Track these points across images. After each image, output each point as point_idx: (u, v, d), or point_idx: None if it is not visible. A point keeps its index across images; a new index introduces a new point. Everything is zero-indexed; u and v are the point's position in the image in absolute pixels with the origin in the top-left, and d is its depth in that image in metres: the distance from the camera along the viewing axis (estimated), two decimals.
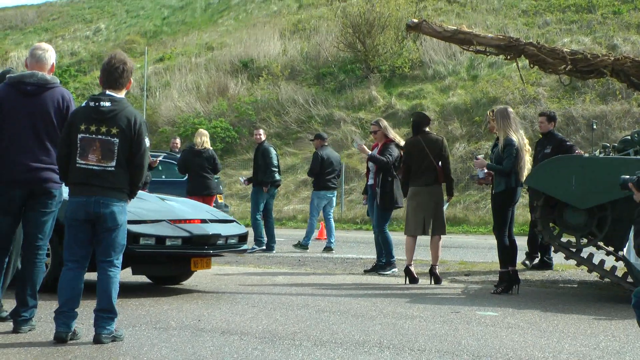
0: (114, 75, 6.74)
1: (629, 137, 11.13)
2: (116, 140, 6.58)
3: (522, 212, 19.44)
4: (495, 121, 10.68)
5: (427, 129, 11.89)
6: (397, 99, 30.50)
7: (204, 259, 9.81)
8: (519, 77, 17.70)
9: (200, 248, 9.53)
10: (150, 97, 34.64)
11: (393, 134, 12.78)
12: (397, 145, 12.40)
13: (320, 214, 16.40)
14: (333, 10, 36.65)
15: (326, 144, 16.66)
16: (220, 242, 9.72)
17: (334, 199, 16.34)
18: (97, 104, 6.64)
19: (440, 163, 11.65)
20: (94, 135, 6.58)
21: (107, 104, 6.63)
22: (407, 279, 11.38)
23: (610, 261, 11.36)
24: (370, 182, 12.59)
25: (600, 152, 11.43)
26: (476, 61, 30.95)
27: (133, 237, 8.79)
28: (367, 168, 12.81)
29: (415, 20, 12.24)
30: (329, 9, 37.98)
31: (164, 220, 9.45)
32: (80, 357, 6.12)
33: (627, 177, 5.59)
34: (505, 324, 8.11)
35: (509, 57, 11.89)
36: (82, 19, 51.59)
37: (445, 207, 11.70)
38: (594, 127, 15.12)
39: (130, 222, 8.32)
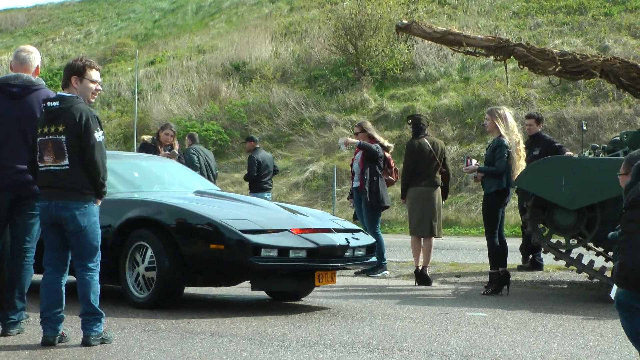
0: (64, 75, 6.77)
1: (618, 138, 11.15)
2: (63, 137, 6.50)
3: (513, 214, 19.48)
4: (488, 120, 10.69)
5: (428, 132, 11.94)
6: (389, 102, 30.53)
7: (329, 273, 8.83)
8: (506, 79, 17.71)
9: (326, 261, 8.60)
10: (142, 100, 34.62)
11: (377, 135, 12.78)
12: (382, 146, 12.40)
13: None
14: (324, 13, 36.70)
15: (258, 146, 16.88)
16: (347, 254, 8.82)
17: (270, 198, 16.43)
18: (46, 104, 6.62)
19: (441, 165, 11.73)
20: (46, 137, 6.55)
21: (55, 103, 6.57)
22: (417, 281, 11.38)
23: (599, 262, 11.39)
24: (356, 184, 12.50)
25: (589, 153, 11.45)
26: (468, 63, 31.00)
27: (253, 248, 8.19)
28: (352, 171, 12.73)
29: (405, 22, 12.24)
30: (321, 12, 38.04)
31: (286, 230, 8.59)
32: (69, 359, 6.11)
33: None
34: (494, 324, 8.12)
35: (498, 58, 11.91)
36: (72, 22, 51.55)
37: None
38: (584, 128, 15.13)
39: (250, 231, 8.25)
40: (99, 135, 6.56)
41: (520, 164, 10.55)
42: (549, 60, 11.40)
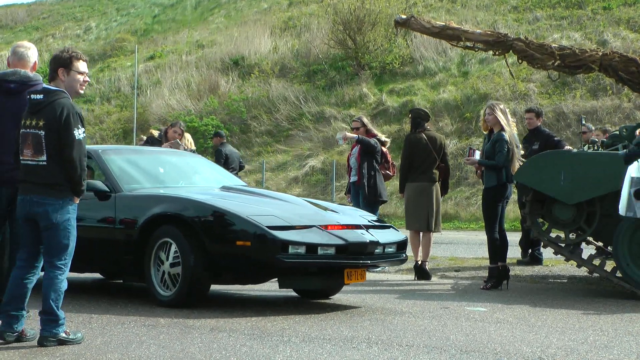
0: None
1: (617, 132, 11.15)
2: (42, 132, 6.37)
3: (512, 208, 19.48)
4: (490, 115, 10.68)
5: (428, 126, 11.94)
6: (388, 96, 30.52)
7: (359, 271, 8.60)
8: (509, 72, 17.73)
9: (356, 258, 8.35)
10: (141, 95, 34.60)
11: (375, 130, 12.77)
12: (379, 141, 12.40)
13: None
14: (323, 7, 36.65)
15: (224, 141, 17.03)
16: (377, 250, 8.54)
17: None
18: (30, 97, 6.50)
19: (441, 160, 11.74)
20: (28, 130, 6.44)
21: (39, 96, 6.45)
22: (416, 275, 11.40)
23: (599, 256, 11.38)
24: (354, 179, 12.47)
25: (589, 148, 11.45)
26: (467, 57, 30.98)
27: (281, 245, 7.97)
28: (349, 166, 12.71)
29: (404, 16, 12.24)
30: (320, 6, 37.99)
31: (315, 226, 8.34)
32: (69, 354, 6.12)
33: None
34: (494, 319, 8.13)
35: (497, 52, 11.92)
36: (72, 17, 51.51)
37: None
38: (583, 122, 15.14)
39: (277, 228, 8.07)
40: (78, 133, 6.41)
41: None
42: (548, 55, 11.41)
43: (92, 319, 7.63)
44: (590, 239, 11.29)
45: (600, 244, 11.54)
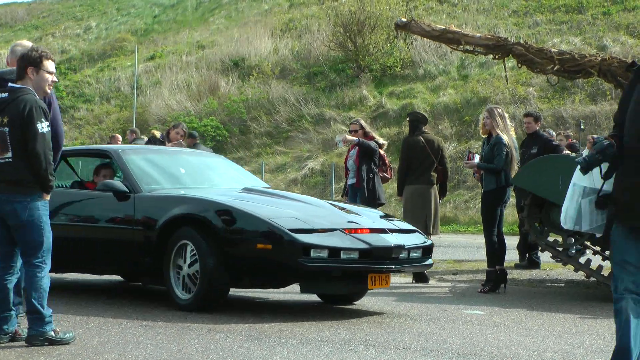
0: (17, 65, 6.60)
1: None
2: (6, 129, 6.33)
3: (510, 212, 19.49)
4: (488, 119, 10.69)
5: (426, 129, 11.96)
6: (388, 99, 30.54)
7: (383, 275, 8.33)
8: (505, 77, 17.75)
9: (380, 262, 8.05)
10: (141, 95, 34.62)
11: (373, 132, 12.78)
12: (377, 144, 12.40)
13: None
14: (324, 10, 36.70)
15: (198, 141, 16.98)
16: (402, 255, 8.26)
17: None
18: None
19: (438, 163, 11.76)
20: None
21: (4, 95, 6.42)
22: (415, 278, 11.42)
23: (596, 260, 11.40)
24: (352, 181, 12.40)
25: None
26: (467, 61, 31.00)
27: (302, 248, 7.72)
28: (346, 168, 12.67)
29: (404, 20, 12.27)
30: (320, 8, 38.03)
31: (338, 230, 8.06)
32: (65, 354, 6.12)
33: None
34: (491, 322, 8.14)
35: (497, 56, 11.94)
36: (72, 16, 51.53)
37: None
38: (582, 127, 15.17)
39: (299, 231, 7.82)
40: (42, 127, 6.34)
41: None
42: (547, 59, 11.43)
43: (89, 319, 7.63)
44: (588, 243, 11.29)
45: (597, 248, 11.55)
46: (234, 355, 6.19)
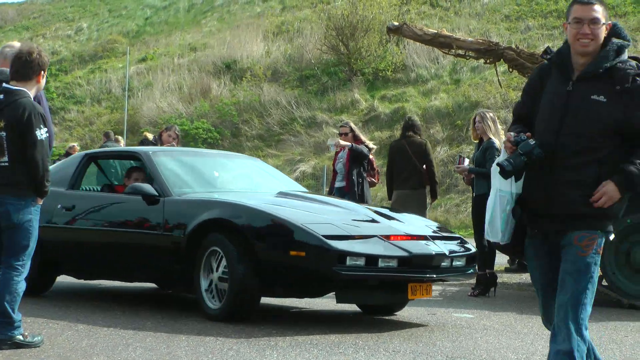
0: (14, 66, 6.49)
1: None
2: (3, 133, 6.31)
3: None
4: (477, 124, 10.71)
5: (411, 133, 11.98)
6: (380, 102, 30.55)
7: (424, 285, 7.85)
8: (497, 82, 17.81)
9: (420, 271, 7.61)
10: (132, 97, 34.56)
11: (362, 136, 12.78)
12: (367, 147, 12.40)
13: None
14: (317, 13, 36.70)
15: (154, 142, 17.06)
16: (444, 264, 7.79)
17: None
18: None
19: (424, 166, 11.78)
20: None
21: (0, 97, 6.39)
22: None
23: None
24: (341, 184, 12.25)
25: None
26: (459, 65, 31.04)
27: (337, 256, 7.26)
28: (335, 171, 12.62)
29: (396, 24, 12.31)
30: (313, 11, 38.04)
31: (375, 236, 7.62)
32: (54, 356, 6.11)
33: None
34: (480, 326, 8.15)
35: (488, 61, 11.98)
36: (63, 17, 51.43)
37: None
38: None
39: (334, 237, 7.40)
40: (40, 134, 6.32)
41: None
42: (539, 64, 11.44)
43: (79, 322, 7.62)
44: None
45: None
46: (223, 358, 6.19)
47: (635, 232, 9.90)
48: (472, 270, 8.45)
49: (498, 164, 4.51)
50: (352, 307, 9.04)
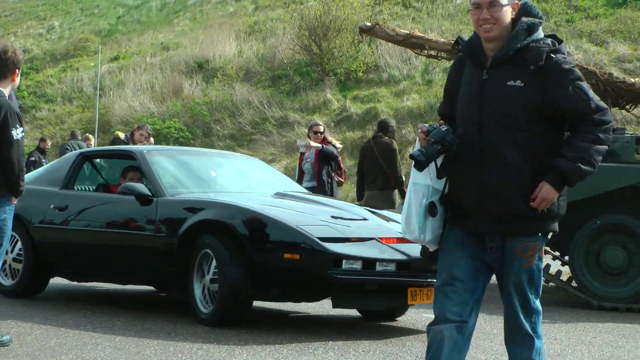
0: None
1: None
2: None
3: None
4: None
5: (381, 134, 12.04)
6: (352, 103, 30.58)
7: (425, 290, 7.42)
8: None
9: (420, 275, 7.30)
10: (104, 96, 34.40)
11: (329, 136, 12.85)
12: (335, 147, 12.44)
13: None
14: (289, 13, 36.67)
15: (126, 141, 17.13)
16: None
17: None
18: None
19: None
20: None
21: None
22: None
23: (555, 266, 11.50)
24: (310, 184, 12.13)
25: None
26: (431, 66, 31.13)
27: (333, 259, 7.05)
28: (301, 171, 12.56)
29: (369, 24, 12.33)
30: (285, 11, 38.01)
31: (373, 239, 7.39)
32: (22, 355, 6.08)
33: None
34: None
35: None
36: (35, 16, 51.09)
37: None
38: None
39: (330, 239, 7.18)
40: (17, 133, 6.28)
41: None
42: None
43: (48, 320, 7.58)
44: (547, 248, 11.38)
45: (557, 253, 11.64)
46: (192, 357, 6.17)
47: (605, 233, 9.97)
48: None
49: (410, 156, 4.18)
50: (351, 312, 9.05)
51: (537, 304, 4.32)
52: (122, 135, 15.66)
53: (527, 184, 4.11)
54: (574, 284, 10.20)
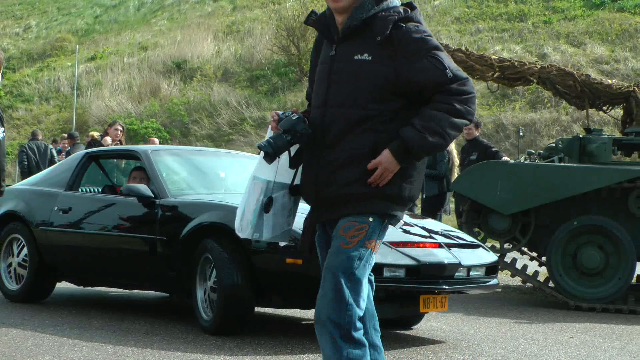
0: None
1: (554, 145, 11.32)
2: None
3: (450, 217, 19.63)
4: None
5: None
6: None
7: (438, 297, 7.02)
8: None
9: (431, 282, 6.86)
10: (81, 96, 34.28)
11: None
12: None
13: None
14: (267, 13, 36.69)
15: (78, 141, 17.12)
16: (459, 274, 7.01)
17: None
18: None
19: None
20: None
21: None
22: None
23: (533, 266, 11.55)
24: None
25: (525, 159, 11.61)
26: None
27: None
28: None
29: None
30: (263, 12, 38.02)
31: (382, 243, 7.26)
32: None
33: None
34: (427, 327, 8.19)
35: None
36: (12, 15, 50.84)
37: None
38: (521, 134, 15.34)
39: None
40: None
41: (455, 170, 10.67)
42: (488, 66, 11.55)
43: (25, 321, 7.54)
44: (525, 249, 11.43)
45: (534, 254, 11.69)
46: (170, 358, 6.15)
47: (582, 234, 10.02)
48: (493, 282, 7.52)
49: (258, 146, 3.88)
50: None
51: (351, 297, 3.77)
52: (96, 135, 15.59)
53: (368, 162, 3.72)
54: (551, 284, 10.24)
